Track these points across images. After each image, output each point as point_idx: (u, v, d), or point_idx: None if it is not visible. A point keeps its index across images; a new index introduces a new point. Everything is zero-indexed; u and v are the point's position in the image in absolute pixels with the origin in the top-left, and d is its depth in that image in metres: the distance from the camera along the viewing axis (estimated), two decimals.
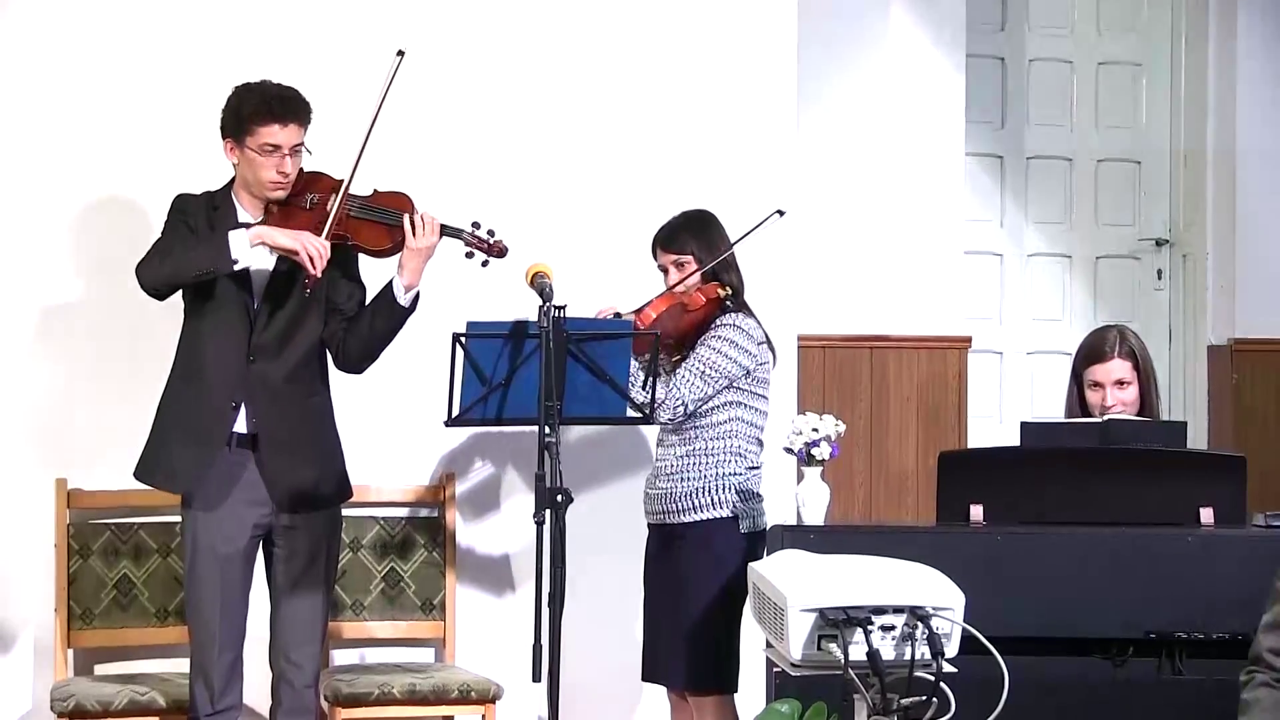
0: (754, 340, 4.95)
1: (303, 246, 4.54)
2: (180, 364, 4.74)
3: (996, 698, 3.82)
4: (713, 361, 4.88)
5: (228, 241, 4.55)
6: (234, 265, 4.55)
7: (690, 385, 4.87)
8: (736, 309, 4.98)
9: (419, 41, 5.61)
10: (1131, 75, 8.10)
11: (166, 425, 4.72)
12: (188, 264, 4.58)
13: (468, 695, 5.17)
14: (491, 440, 5.60)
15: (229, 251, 4.54)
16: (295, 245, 4.55)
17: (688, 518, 4.92)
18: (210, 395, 4.66)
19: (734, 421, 4.95)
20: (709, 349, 4.90)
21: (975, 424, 7.42)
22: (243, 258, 4.55)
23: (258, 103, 4.64)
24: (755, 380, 4.97)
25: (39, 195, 5.42)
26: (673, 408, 4.86)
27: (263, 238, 4.57)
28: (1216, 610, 4.59)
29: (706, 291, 4.94)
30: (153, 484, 4.78)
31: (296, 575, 4.75)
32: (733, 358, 4.90)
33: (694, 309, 4.92)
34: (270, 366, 4.68)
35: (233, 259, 4.54)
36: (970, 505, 4.72)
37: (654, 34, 5.79)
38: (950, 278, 7.27)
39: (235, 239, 4.55)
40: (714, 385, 4.89)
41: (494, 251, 4.73)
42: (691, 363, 4.89)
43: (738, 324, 4.93)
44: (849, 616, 3.75)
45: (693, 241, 5.00)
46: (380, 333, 4.74)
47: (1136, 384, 5.10)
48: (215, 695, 4.70)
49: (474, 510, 5.65)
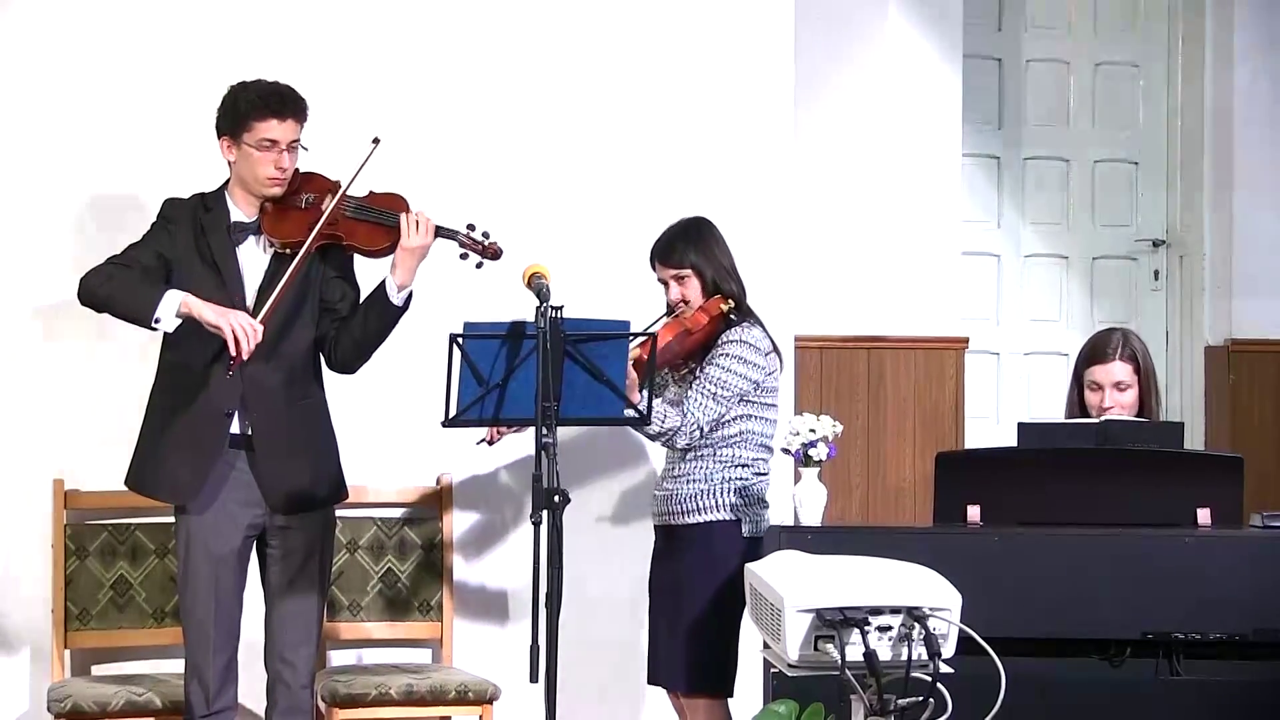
0: (761, 352, 4.94)
1: (229, 326, 4.49)
2: (169, 368, 4.73)
3: (993, 698, 3.82)
4: (722, 380, 4.88)
5: (159, 298, 4.54)
6: (154, 324, 4.55)
7: (703, 408, 4.87)
8: (740, 320, 4.97)
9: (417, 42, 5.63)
10: (1128, 76, 8.11)
11: (159, 432, 4.70)
12: (118, 301, 4.59)
13: (465, 696, 5.17)
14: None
15: (154, 308, 4.53)
16: (222, 324, 4.51)
17: (691, 519, 4.93)
18: (205, 400, 4.65)
19: (744, 434, 4.96)
20: (717, 368, 4.89)
21: (972, 425, 7.42)
22: (165, 319, 4.53)
23: (255, 98, 4.65)
24: (764, 390, 4.97)
25: (39, 195, 5.42)
26: (688, 433, 4.87)
27: (190, 309, 4.53)
28: (1214, 611, 4.59)
29: (709, 308, 4.93)
30: (152, 496, 4.76)
31: (291, 575, 4.75)
32: (742, 374, 4.90)
33: (697, 330, 4.91)
34: (264, 368, 4.67)
35: (155, 317, 4.53)
36: (967, 506, 4.72)
37: (651, 35, 5.79)
38: (947, 278, 7.27)
39: (167, 299, 4.53)
40: (726, 404, 4.90)
41: (488, 254, 4.73)
42: (702, 384, 4.89)
43: (744, 339, 4.92)
44: (846, 617, 3.76)
45: (690, 253, 4.98)
46: (373, 332, 4.73)
47: (1136, 387, 5.10)
48: (210, 696, 4.69)
49: (471, 511, 5.65)
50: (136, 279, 4.62)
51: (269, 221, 4.70)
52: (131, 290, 4.60)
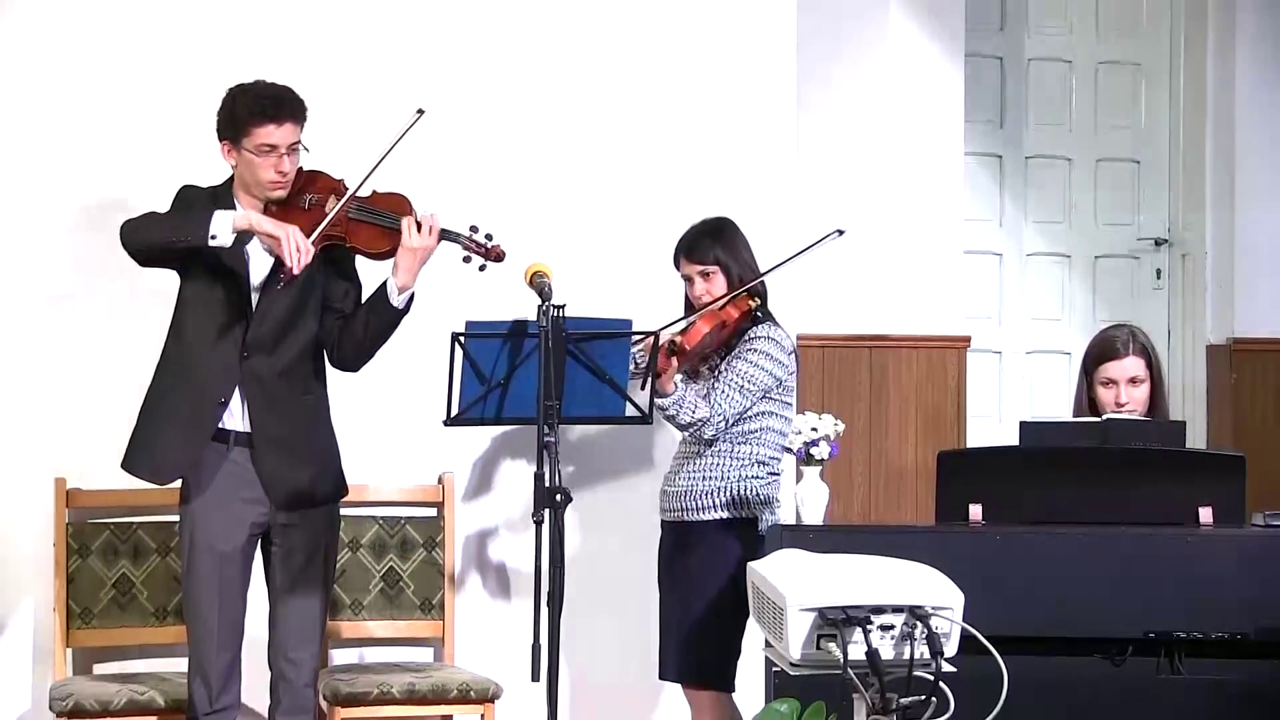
0: (785, 350, 4.99)
1: (287, 236, 4.49)
2: (171, 356, 4.72)
3: (995, 697, 3.82)
4: (749, 374, 4.91)
5: (211, 216, 4.50)
6: (210, 240, 4.49)
7: (730, 400, 4.90)
8: (765, 318, 5.01)
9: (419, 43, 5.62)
10: (1130, 75, 8.11)
11: (154, 417, 4.70)
12: (167, 229, 4.54)
13: (467, 695, 5.17)
14: (491, 440, 5.60)
15: (208, 226, 4.49)
16: (280, 234, 4.50)
17: (704, 516, 4.95)
18: (202, 389, 4.65)
19: (764, 431, 4.98)
20: (745, 362, 4.93)
21: (974, 423, 7.42)
22: (221, 235, 4.49)
23: (251, 104, 4.62)
24: (785, 389, 5.01)
25: (38, 195, 5.42)
26: (716, 424, 4.90)
27: (250, 220, 4.53)
28: (1215, 610, 4.59)
29: (739, 304, 4.96)
30: (137, 474, 4.75)
31: (295, 574, 4.75)
32: (768, 369, 4.93)
33: (730, 323, 4.94)
34: (264, 362, 4.67)
35: (211, 234, 4.49)
36: (969, 505, 4.72)
37: (653, 35, 5.79)
38: (949, 277, 7.27)
39: (219, 217, 4.50)
40: (752, 398, 4.93)
41: (491, 256, 4.71)
42: (729, 377, 4.92)
43: (771, 335, 4.97)
44: (848, 616, 3.75)
45: (716, 249, 5.01)
46: (374, 332, 4.73)
47: (1149, 382, 5.11)
48: (214, 694, 4.69)
49: (473, 510, 5.65)
50: (181, 210, 4.60)
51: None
52: (181, 217, 4.57)
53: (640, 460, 5.65)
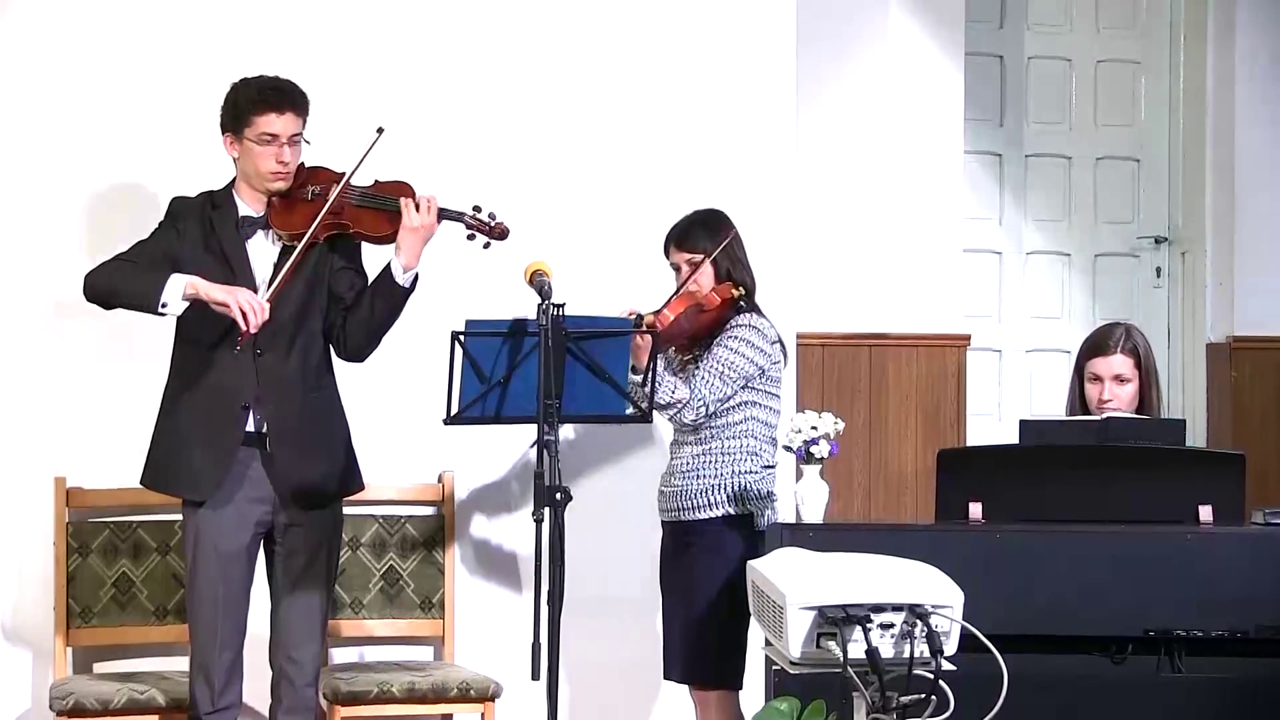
0: (768, 340, 4.99)
1: (236, 302, 4.51)
2: (183, 363, 4.73)
3: (995, 695, 3.82)
4: (730, 361, 4.92)
5: (164, 283, 4.55)
6: (161, 309, 4.55)
7: (711, 385, 4.90)
8: (749, 309, 5.00)
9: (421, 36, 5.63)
10: (1130, 73, 8.10)
11: (178, 429, 4.70)
12: (124, 291, 4.61)
13: (467, 693, 5.17)
14: (490, 438, 5.60)
15: (160, 293, 4.54)
16: (228, 299, 4.52)
17: (702, 515, 4.95)
18: (221, 393, 4.66)
19: (749, 421, 4.98)
20: (726, 349, 4.93)
21: (974, 422, 7.42)
22: (171, 303, 4.54)
23: (254, 94, 4.67)
24: (769, 380, 5.00)
25: (40, 194, 5.42)
26: (696, 408, 4.90)
27: (198, 289, 4.55)
28: (1215, 608, 4.60)
29: (721, 291, 4.97)
30: (174, 493, 4.74)
31: (297, 573, 4.75)
32: (749, 357, 4.93)
33: (710, 309, 4.95)
34: (278, 359, 4.68)
35: (161, 302, 4.54)
36: (969, 503, 4.72)
37: (654, 33, 5.79)
38: (949, 275, 7.27)
39: (172, 283, 4.55)
40: (733, 385, 4.92)
41: (495, 233, 4.73)
42: (710, 364, 4.93)
43: (753, 324, 4.97)
44: (848, 614, 3.76)
45: (706, 239, 5.02)
46: (380, 316, 4.73)
47: (1136, 382, 5.10)
48: (215, 693, 4.70)
49: (473, 508, 5.65)
50: (142, 268, 4.63)
51: (276, 215, 4.71)
52: (136, 278, 4.60)
53: (641, 459, 5.65)
